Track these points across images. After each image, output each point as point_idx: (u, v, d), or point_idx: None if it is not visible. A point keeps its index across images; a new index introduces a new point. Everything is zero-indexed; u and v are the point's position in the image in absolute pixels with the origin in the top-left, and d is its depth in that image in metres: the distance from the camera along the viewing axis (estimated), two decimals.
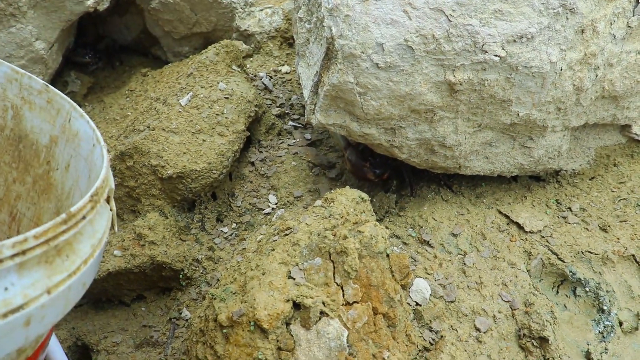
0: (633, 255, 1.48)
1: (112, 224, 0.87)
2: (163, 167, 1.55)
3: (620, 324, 1.41)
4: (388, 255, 1.24)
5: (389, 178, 1.70)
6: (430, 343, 1.30)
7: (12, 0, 1.75)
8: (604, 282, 1.45)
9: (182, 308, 1.50)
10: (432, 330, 1.32)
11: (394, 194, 1.69)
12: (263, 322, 1.08)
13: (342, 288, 1.17)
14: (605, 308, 1.41)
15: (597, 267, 1.47)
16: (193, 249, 1.56)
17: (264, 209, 1.68)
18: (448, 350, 1.28)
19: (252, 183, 1.75)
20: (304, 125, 1.96)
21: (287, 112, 2.00)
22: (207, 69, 1.78)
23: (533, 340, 1.33)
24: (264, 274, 1.17)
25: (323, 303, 1.12)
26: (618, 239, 1.52)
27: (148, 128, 1.62)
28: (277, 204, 1.70)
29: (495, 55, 1.28)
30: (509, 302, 1.39)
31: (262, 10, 2.31)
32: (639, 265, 1.47)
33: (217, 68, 1.79)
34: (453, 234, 1.52)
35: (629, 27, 1.37)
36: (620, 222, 1.57)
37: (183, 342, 1.43)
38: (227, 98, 1.71)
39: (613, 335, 1.39)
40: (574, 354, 1.35)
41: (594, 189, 1.67)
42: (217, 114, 1.67)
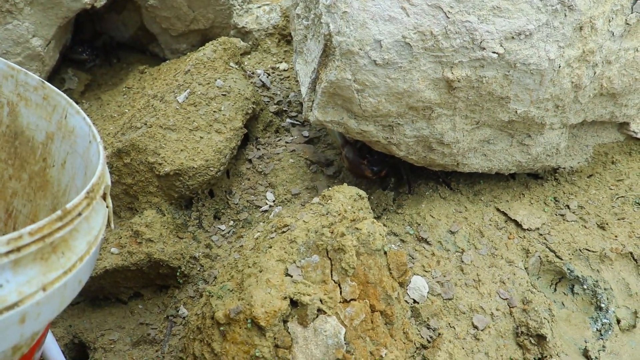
0: (631, 253, 1.48)
1: (108, 221, 0.87)
2: (160, 164, 1.55)
3: (618, 322, 1.41)
4: (385, 253, 1.24)
5: (387, 175, 1.70)
6: (428, 341, 1.30)
7: None
8: (602, 279, 1.45)
9: (179, 306, 1.50)
10: (429, 328, 1.32)
11: (392, 192, 1.69)
12: (260, 319, 1.08)
13: (339, 285, 1.16)
14: (603, 306, 1.41)
15: (595, 264, 1.47)
16: (190, 247, 1.56)
17: (262, 207, 1.68)
18: (446, 348, 1.28)
19: (249, 180, 1.75)
20: (302, 123, 1.95)
21: (284, 109, 1.99)
22: (204, 66, 1.78)
23: (531, 338, 1.33)
24: (261, 272, 1.16)
25: (320, 300, 1.12)
26: (616, 237, 1.52)
27: (145, 125, 1.62)
28: (274, 202, 1.69)
29: (494, 52, 1.28)
30: (507, 299, 1.39)
31: (259, 7, 2.30)
32: (637, 263, 1.47)
33: (214, 65, 1.79)
34: (451, 232, 1.52)
35: (628, 24, 1.37)
36: (618, 219, 1.57)
37: (180, 339, 1.43)
38: (224, 95, 1.70)
39: (611, 333, 1.39)
40: (572, 352, 1.35)
41: (592, 187, 1.67)
42: (214, 111, 1.66)
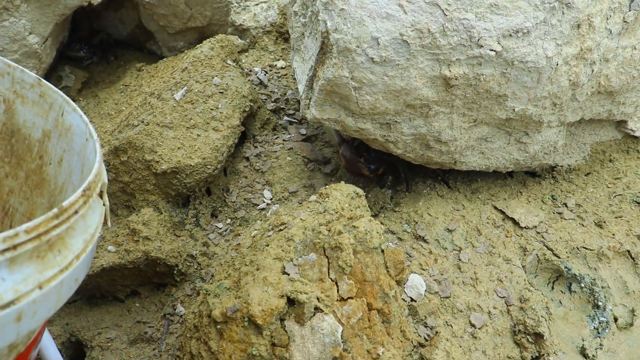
0: (628, 251, 1.48)
1: (105, 219, 0.87)
2: (157, 162, 1.54)
3: (615, 320, 1.41)
4: (383, 251, 1.24)
5: (384, 173, 1.70)
6: (425, 339, 1.30)
7: None
8: (599, 278, 1.45)
9: (176, 304, 1.50)
10: (427, 326, 1.32)
11: (389, 190, 1.69)
12: (257, 317, 1.08)
13: (336, 284, 1.16)
14: (601, 304, 1.41)
15: (592, 263, 1.47)
16: (187, 245, 1.55)
17: (259, 205, 1.67)
18: (443, 346, 1.28)
19: (246, 178, 1.74)
20: (299, 120, 1.95)
21: (282, 107, 1.99)
22: (201, 64, 1.77)
23: (528, 336, 1.33)
24: (258, 270, 1.16)
25: (317, 299, 1.12)
26: (613, 235, 1.52)
27: (142, 123, 1.61)
28: (272, 200, 1.69)
29: (491, 50, 1.27)
30: (504, 298, 1.39)
31: (257, 5, 2.29)
32: (634, 261, 1.47)
33: (212, 63, 1.78)
34: (448, 230, 1.52)
35: (625, 22, 1.37)
36: (616, 218, 1.57)
37: (177, 338, 1.43)
38: (221, 93, 1.70)
39: (608, 331, 1.39)
40: (569, 350, 1.35)
41: (590, 185, 1.67)
42: (211, 109, 1.66)
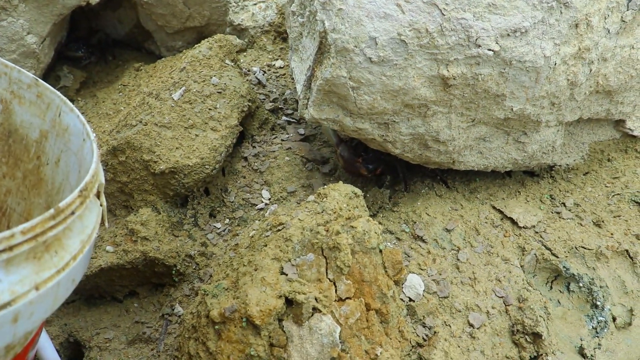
0: (627, 251, 1.48)
1: (102, 220, 0.87)
2: (155, 162, 1.54)
3: (614, 320, 1.41)
4: (381, 251, 1.24)
5: (382, 173, 1.70)
6: (424, 339, 1.30)
7: None
8: (598, 277, 1.45)
9: (174, 304, 1.50)
10: (425, 326, 1.31)
11: (388, 189, 1.69)
12: (255, 318, 1.08)
13: (334, 284, 1.16)
14: (599, 303, 1.41)
15: (590, 262, 1.47)
16: (186, 245, 1.55)
17: (257, 205, 1.67)
18: (441, 346, 1.28)
19: (245, 178, 1.74)
20: (298, 120, 1.95)
21: (280, 106, 1.99)
22: (200, 64, 1.77)
23: (526, 336, 1.33)
24: (256, 270, 1.16)
25: (315, 299, 1.12)
26: (612, 234, 1.52)
27: (140, 123, 1.61)
28: (270, 200, 1.69)
29: (489, 50, 1.27)
30: (503, 297, 1.39)
31: (255, 5, 2.29)
32: (633, 261, 1.47)
33: (210, 62, 1.78)
34: (447, 230, 1.52)
35: (623, 21, 1.37)
36: (614, 217, 1.57)
37: (176, 338, 1.43)
38: (220, 93, 1.70)
39: (606, 331, 1.39)
40: (568, 350, 1.35)
41: (588, 184, 1.67)
42: (210, 109, 1.66)
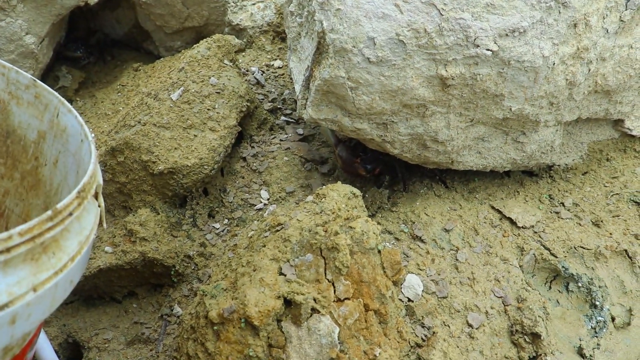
0: (625, 251, 1.48)
1: (100, 220, 0.87)
2: (154, 162, 1.54)
3: (613, 320, 1.41)
4: (380, 251, 1.23)
5: (381, 173, 1.70)
6: (423, 339, 1.30)
7: None
8: (597, 277, 1.45)
9: (173, 305, 1.50)
10: (424, 327, 1.31)
11: (387, 190, 1.69)
12: (254, 318, 1.08)
13: (333, 284, 1.16)
14: (598, 303, 1.41)
15: (589, 262, 1.47)
16: (184, 245, 1.55)
17: (256, 205, 1.67)
18: (440, 347, 1.28)
19: (244, 179, 1.74)
20: (296, 120, 1.95)
21: (279, 107, 1.99)
22: (198, 64, 1.77)
23: (525, 336, 1.33)
24: (255, 271, 1.16)
25: (314, 299, 1.12)
26: (611, 234, 1.52)
27: (139, 123, 1.61)
28: (269, 200, 1.69)
29: (488, 50, 1.27)
30: (502, 297, 1.39)
31: (254, 5, 2.29)
32: (632, 261, 1.47)
33: (208, 63, 1.78)
34: (445, 230, 1.52)
35: (622, 21, 1.37)
36: (613, 217, 1.57)
37: (174, 338, 1.43)
38: (218, 93, 1.70)
39: (605, 331, 1.39)
40: (567, 350, 1.35)
41: (587, 184, 1.67)
42: (208, 109, 1.66)
